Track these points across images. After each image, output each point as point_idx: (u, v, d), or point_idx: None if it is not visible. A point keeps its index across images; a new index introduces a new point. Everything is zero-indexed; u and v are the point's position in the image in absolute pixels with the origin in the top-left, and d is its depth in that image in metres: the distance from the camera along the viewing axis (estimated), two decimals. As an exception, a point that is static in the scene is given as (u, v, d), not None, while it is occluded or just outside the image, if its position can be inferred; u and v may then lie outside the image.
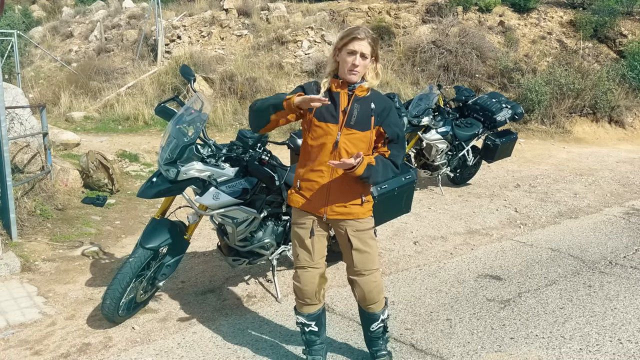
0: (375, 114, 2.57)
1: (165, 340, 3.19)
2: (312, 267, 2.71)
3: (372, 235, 2.72)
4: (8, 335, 3.24)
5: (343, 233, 2.68)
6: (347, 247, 2.70)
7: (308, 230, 2.68)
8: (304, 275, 2.71)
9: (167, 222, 3.38)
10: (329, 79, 2.61)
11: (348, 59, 2.52)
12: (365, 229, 2.69)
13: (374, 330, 2.82)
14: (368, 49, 2.51)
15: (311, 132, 2.60)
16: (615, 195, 6.77)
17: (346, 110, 2.56)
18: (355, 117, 2.55)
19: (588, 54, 13.21)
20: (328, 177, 2.60)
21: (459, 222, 5.57)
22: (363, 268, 2.69)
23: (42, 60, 14.72)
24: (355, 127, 2.55)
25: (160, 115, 3.56)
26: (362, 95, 2.60)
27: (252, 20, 13.82)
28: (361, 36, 2.50)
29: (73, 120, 10.69)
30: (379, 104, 2.60)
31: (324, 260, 2.76)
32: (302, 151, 2.71)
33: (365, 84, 2.60)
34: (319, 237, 2.71)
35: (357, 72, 2.53)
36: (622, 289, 3.92)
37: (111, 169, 6.27)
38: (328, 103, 2.46)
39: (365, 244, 2.68)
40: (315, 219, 2.68)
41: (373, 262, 2.71)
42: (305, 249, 2.70)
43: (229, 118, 10.33)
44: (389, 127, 2.61)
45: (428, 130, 6.35)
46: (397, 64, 12.27)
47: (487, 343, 3.16)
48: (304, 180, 2.67)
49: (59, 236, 4.88)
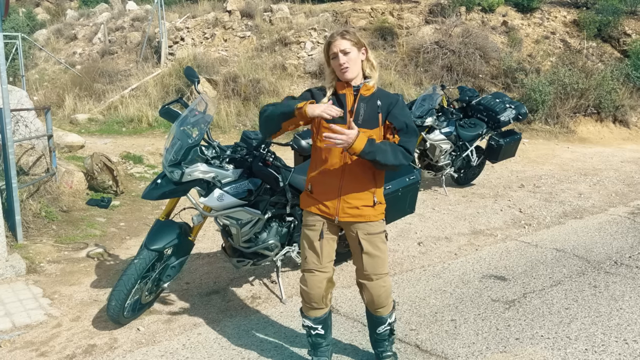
0: (382, 111, 2.57)
1: (170, 342, 3.19)
2: (320, 270, 2.68)
3: (383, 239, 2.69)
4: (14, 336, 3.25)
5: (354, 236, 2.66)
6: (357, 250, 2.68)
7: (318, 233, 2.67)
8: (311, 279, 2.69)
9: (172, 223, 3.38)
10: (334, 82, 2.63)
11: (335, 63, 2.56)
12: (377, 232, 2.66)
13: (381, 333, 2.81)
14: (346, 43, 2.53)
15: (320, 135, 2.59)
16: (620, 195, 6.74)
17: (353, 109, 2.57)
18: (362, 116, 2.56)
19: (592, 54, 13.17)
20: (339, 179, 2.59)
21: (463, 222, 5.56)
22: (373, 272, 2.67)
23: (47, 63, 14.79)
24: (363, 125, 2.53)
25: (165, 117, 3.57)
26: (368, 94, 2.60)
27: (255, 22, 13.85)
28: (334, 38, 2.56)
29: (77, 123, 10.73)
30: (385, 101, 2.60)
31: (332, 264, 2.73)
32: (313, 154, 2.71)
33: (370, 82, 2.61)
34: (328, 240, 2.69)
35: (347, 68, 2.54)
36: (628, 289, 3.91)
37: (115, 170, 6.30)
38: (342, 114, 2.47)
39: (376, 248, 2.66)
40: (326, 221, 2.67)
41: (383, 266, 2.69)
42: (314, 252, 2.69)
43: (233, 119, 10.35)
44: (396, 118, 2.58)
45: (432, 131, 6.35)
46: (401, 65, 12.27)
47: (492, 344, 3.15)
48: (315, 183, 2.67)
49: (64, 238, 4.89)
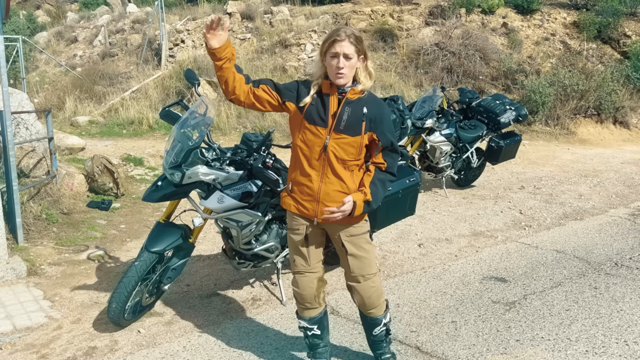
0: (367, 119, 2.49)
1: (170, 344, 3.19)
2: (309, 271, 2.69)
3: (367, 239, 2.67)
4: (14, 339, 3.26)
5: (337, 238, 2.65)
6: (342, 252, 2.67)
7: (302, 236, 2.66)
8: (302, 280, 2.70)
9: (172, 225, 3.39)
10: (320, 80, 2.53)
11: (332, 63, 2.43)
12: (360, 233, 2.64)
13: (377, 334, 2.80)
14: (351, 48, 2.41)
15: (301, 134, 2.54)
16: (620, 196, 6.74)
17: (336, 114, 2.49)
18: (345, 121, 2.47)
19: (592, 55, 13.18)
20: (318, 181, 2.55)
21: (464, 224, 5.56)
22: (360, 273, 2.65)
23: (47, 65, 14.81)
24: (344, 131, 2.47)
25: (165, 119, 3.57)
26: (355, 98, 2.50)
27: (255, 24, 13.87)
28: (341, 37, 2.41)
29: (78, 125, 10.75)
30: (372, 110, 2.50)
31: (320, 264, 2.73)
32: (293, 152, 2.65)
33: (359, 87, 2.51)
34: (313, 242, 2.68)
35: (343, 74, 2.43)
36: (628, 290, 3.91)
37: (116, 173, 6.30)
38: (219, 19, 2.37)
39: (360, 249, 2.63)
40: (309, 223, 2.64)
41: (370, 266, 2.67)
42: (301, 255, 2.69)
43: (233, 122, 10.36)
44: (383, 134, 2.53)
45: (432, 133, 6.35)
46: (401, 67, 12.28)
47: (493, 345, 3.15)
48: (295, 183, 2.63)
49: (65, 240, 4.90)
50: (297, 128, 2.57)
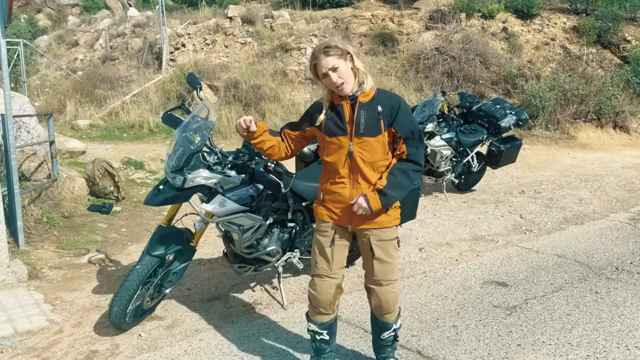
0: (383, 117, 2.52)
1: (171, 348, 3.19)
2: (330, 276, 2.68)
3: (395, 245, 2.68)
4: (15, 342, 3.25)
5: (366, 241, 2.66)
6: (368, 255, 2.67)
7: (329, 239, 2.66)
8: (321, 284, 2.69)
9: (174, 229, 3.39)
10: (329, 96, 2.60)
11: (328, 81, 2.50)
12: (389, 238, 2.65)
13: (385, 339, 2.81)
14: (332, 60, 2.46)
15: (325, 149, 2.61)
16: (620, 201, 6.75)
17: (353, 120, 2.53)
18: (364, 124, 2.52)
19: (592, 60, 13.21)
20: (350, 188, 2.58)
21: (464, 228, 5.56)
22: (383, 278, 2.67)
23: (48, 69, 14.85)
24: (365, 134, 2.52)
25: (167, 123, 3.58)
26: (367, 100, 2.55)
27: (256, 28, 13.91)
28: (319, 57, 2.48)
29: (79, 128, 10.77)
30: (386, 104, 2.54)
31: (342, 271, 2.73)
32: (323, 167, 2.72)
33: (367, 87, 2.55)
34: (339, 247, 2.68)
35: (343, 85, 2.49)
36: (629, 295, 3.91)
37: (117, 176, 6.31)
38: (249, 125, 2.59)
39: (387, 254, 2.65)
40: (338, 228, 2.67)
41: (393, 272, 2.69)
42: (325, 258, 2.68)
43: (234, 125, 10.37)
44: (400, 126, 2.54)
45: (432, 137, 6.36)
46: (401, 71, 12.31)
47: (494, 350, 3.15)
48: (327, 193, 2.67)
49: (66, 244, 4.90)
50: (322, 146, 2.65)
